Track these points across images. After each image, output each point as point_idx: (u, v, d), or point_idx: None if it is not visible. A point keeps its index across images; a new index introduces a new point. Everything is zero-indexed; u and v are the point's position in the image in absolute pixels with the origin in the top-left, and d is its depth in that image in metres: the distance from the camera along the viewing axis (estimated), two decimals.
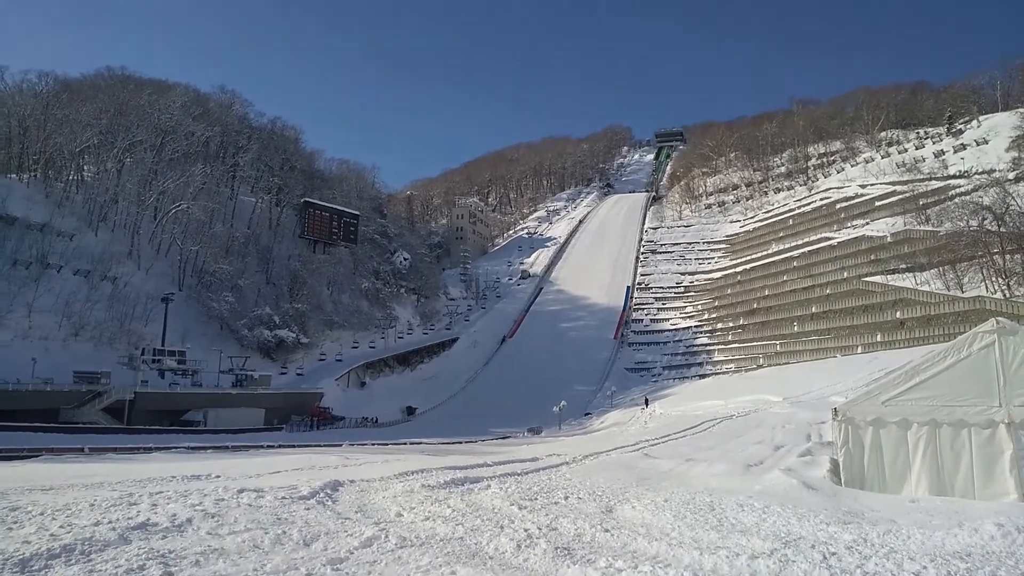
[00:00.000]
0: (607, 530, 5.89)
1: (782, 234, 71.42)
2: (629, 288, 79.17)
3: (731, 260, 75.37)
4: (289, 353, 55.64)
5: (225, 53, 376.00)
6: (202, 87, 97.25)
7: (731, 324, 64.38)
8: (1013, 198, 43.45)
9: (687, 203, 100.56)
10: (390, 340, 66.49)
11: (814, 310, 55.74)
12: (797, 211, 73.70)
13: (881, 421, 8.20)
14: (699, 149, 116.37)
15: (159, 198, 56.94)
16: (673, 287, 77.05)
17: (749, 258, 71.64)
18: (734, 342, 61.35)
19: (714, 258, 79.55)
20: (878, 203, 62.28)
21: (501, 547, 5.19)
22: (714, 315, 67.87)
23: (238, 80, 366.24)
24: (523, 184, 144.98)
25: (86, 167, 57.19)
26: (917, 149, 72.01)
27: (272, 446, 22.69)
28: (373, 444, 25.96)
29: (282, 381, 50.96)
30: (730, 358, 59.29)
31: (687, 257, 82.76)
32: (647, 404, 43.08)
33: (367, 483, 8.76)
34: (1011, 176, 51.35)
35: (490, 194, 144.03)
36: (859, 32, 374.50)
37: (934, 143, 71.17)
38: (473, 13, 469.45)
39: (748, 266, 69.74)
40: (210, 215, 59.72)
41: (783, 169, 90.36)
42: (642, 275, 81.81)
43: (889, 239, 54.58)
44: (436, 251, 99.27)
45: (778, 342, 56.38)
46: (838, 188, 71.38)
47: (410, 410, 52.64)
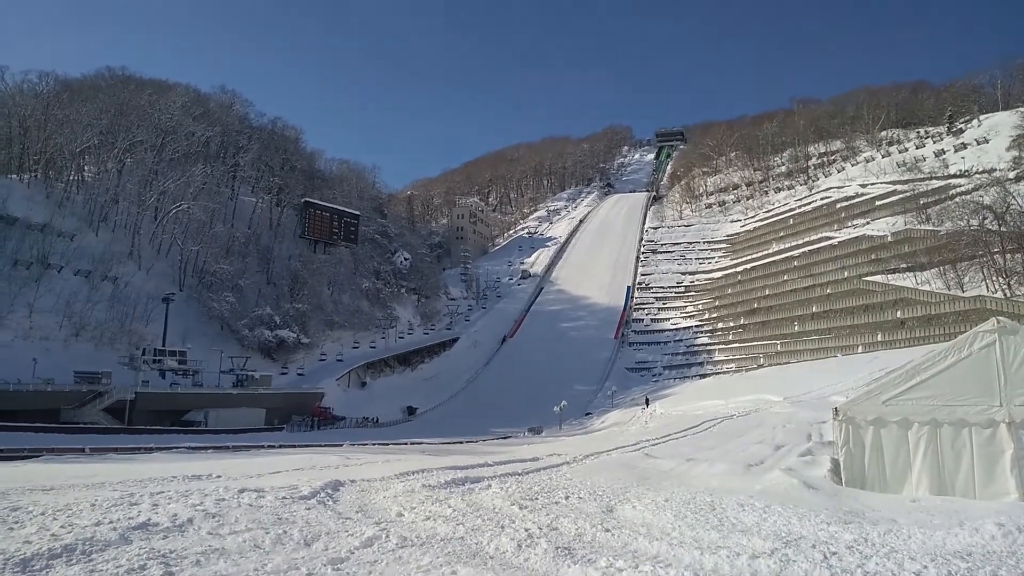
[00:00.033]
0: (608, 530, 5.89)
1: (782, 234, 71.42)
2: (629, 288, 79.15)
3: (731, 260, 75.36)
4: (290, 353, 55.69)
5: (225, 53, 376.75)
6: (202, 87, 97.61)
7: (731, 324, 64.38)
8: (1014, 197, 43.42)
9: (687, 203, 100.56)
10: (391, 340, 66.50)
11: (815, 310, 55.74)
12: (797, 211, 73.68)
13: (882, 421, 8.20)
14: (699, 149, 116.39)
15: (159, 198, 56.99)
16: (673, 287, 77.07)
17: (749, 258, 71.64)
18: (734, 342, 61.36)
19: (714, 258, 79.55)
20: (878, 202, 62.27)
21: (502, 547, 5.19)
22: (714, 315, 67.89)
23: (238, 80, 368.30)
24: (523, 184, 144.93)
25: (87, 167, 57.25)
26: (918, 148, 72.05)
27: (273, 446, 22.64)
28: (374, 444, 25.91)
29: (283, 381, 51.01)
30: (731, 358, 59.32)
31: (687, 257, 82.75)
32: (648, 404, 43.07)
33: (368, 483, 8.75)
34: (1012, 175, 51.39)
35: (490, 194, 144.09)
36: (859, 32, 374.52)
37: (934, 142, 71.18)
38: (473, 13, 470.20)
39: (748, 266, 69.73)
40: (210, 215, 59.78)
41: (783, 169, 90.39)
42: (642, 275, 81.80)
43: (890, 238, 54.54)
44: (437, 251, 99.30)
45: (779, 342, 56.39)
46: (838, 188, 71.36)
47: (411, 410, 52.66)
